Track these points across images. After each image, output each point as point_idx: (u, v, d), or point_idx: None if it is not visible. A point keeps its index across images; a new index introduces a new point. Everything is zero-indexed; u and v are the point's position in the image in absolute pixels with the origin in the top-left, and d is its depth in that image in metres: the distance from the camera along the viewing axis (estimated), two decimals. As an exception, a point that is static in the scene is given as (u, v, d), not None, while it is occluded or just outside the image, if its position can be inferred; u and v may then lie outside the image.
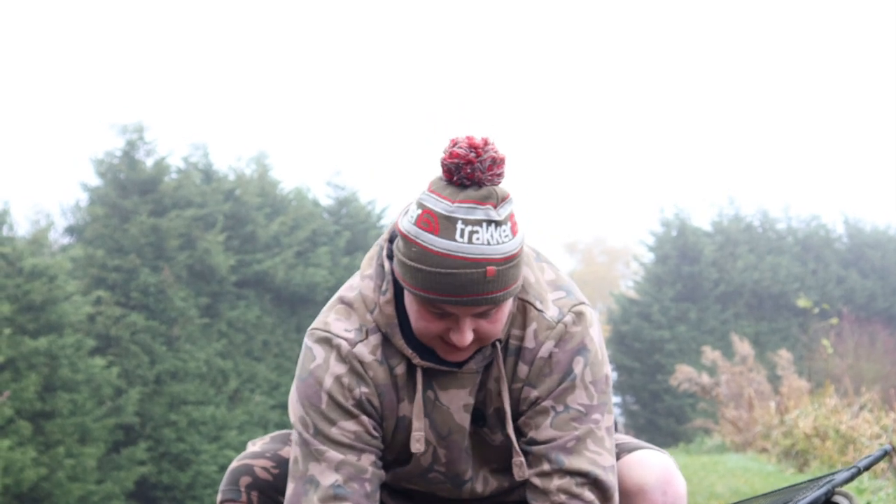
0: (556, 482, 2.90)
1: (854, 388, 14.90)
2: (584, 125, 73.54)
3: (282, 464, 3.10)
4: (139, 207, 24.14)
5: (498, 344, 2.92)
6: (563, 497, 2.89)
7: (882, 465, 8.04)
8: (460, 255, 2.72)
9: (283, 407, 25.50)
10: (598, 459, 2.91)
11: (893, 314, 35.38)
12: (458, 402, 2.95)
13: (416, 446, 2.93)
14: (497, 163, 2.75)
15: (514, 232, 2.77)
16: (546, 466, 2.91)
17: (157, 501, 22.94)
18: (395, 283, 2.91)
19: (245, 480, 3.08)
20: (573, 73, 74.66)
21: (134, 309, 23.53)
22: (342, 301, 2.99)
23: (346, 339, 2.92)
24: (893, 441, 8.57)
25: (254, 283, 26.02)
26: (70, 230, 25.12)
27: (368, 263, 2.99)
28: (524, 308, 2.95)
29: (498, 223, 2.74)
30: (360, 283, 2.98)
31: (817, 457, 10.73)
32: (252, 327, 25.70)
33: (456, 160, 2.74)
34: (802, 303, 17.83)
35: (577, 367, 2.93)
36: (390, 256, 2.91)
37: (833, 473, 2.72)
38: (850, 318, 26.55)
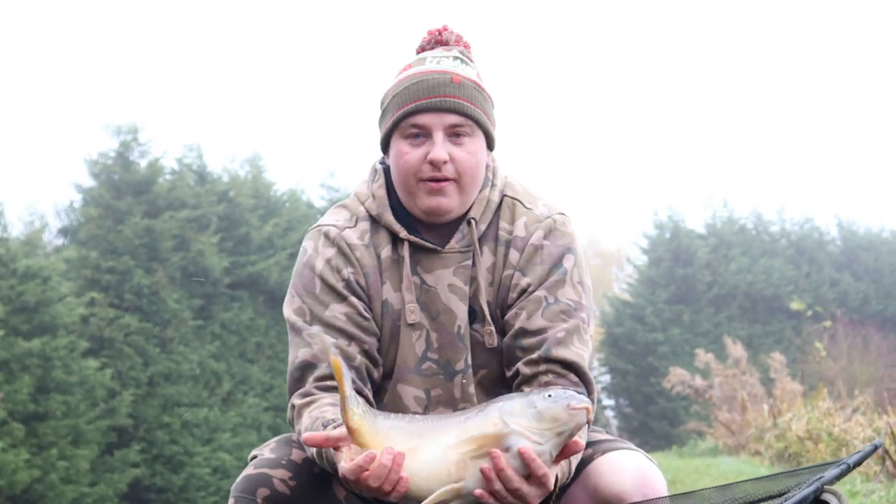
0: (543, 366, 2.98)
1: (847, 391, 14.89)
2: (576, 128, 73.59)
3: (299, 473, 3.01)
4: (133, 209, 24.12)
5: (474, 223, 3.06)
6: (550, 377, 2.97)
7: (875, 467, 8.04)
8: (428, 69, 3.06)
9: (276, 409, 25.49)
10: (583, 355, 3.01)
11: (887, 317, 35.40)
12: (444, 281, 3.05)
13: (411, 317, 3.03)
14: (463, 42, 3.17)
15: (480, 81, 3.09)
16: (534, 355, 2.99)
17: (151, 503, 22.92)
18: (386, 175, 3.15)
19: (263, 492, 2.98)
20: (566, 76, 74.71)
21: (127, 310, 23.50)
22: (336, 205, 3.24)
23: (334, 226, 3.13)
24: (886, 444, 8.57)
25: (247, 285, 26.01)
26: (64, 231, 25.10)
27: (362, 178, 3.26)
28: (513, 205, 3.13)
29: (464, 61, 3.09)
30: (355, 189, 3.22)
31: (810, 459, 10.73)
32: (245, 329, 25.68)
33: (427, 37, 3.17)
34: (796, 305, 17.88)
35: (568, 263, 3.06)
36: (382, 163, 3.19)
37: (822, 466, 2.70)
38: (844, 321, 26.58)
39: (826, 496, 2.61)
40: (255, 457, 3.12)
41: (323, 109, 70.77)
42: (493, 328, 3.03)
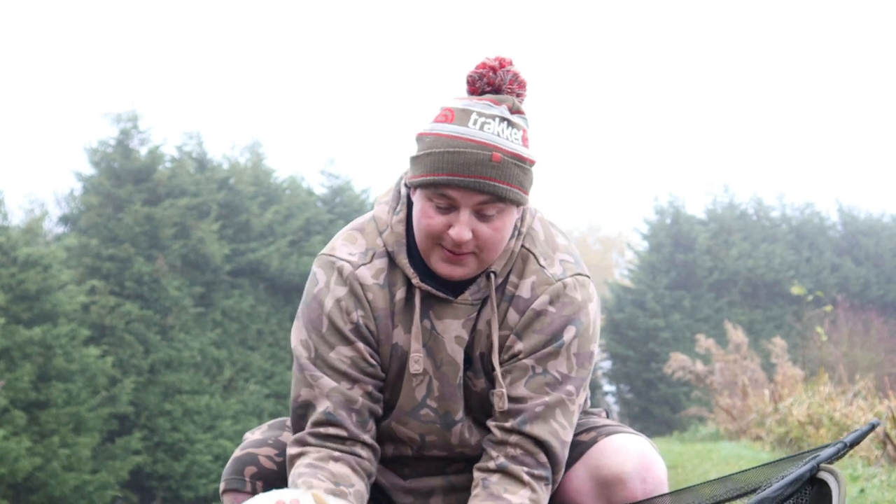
0: (514, 438, 2.94)
1: (848, 376, 14.90)
2: (577, 114, 73.56)
3: (285, 451, 3.09)
4: (133, 196, 24.11)
5: (493, 276, 2.95)
6: (518, 451, 2.93)
7: (876, 451, 8.04)
8: (469, 137, 2.83)
9: (278, 396, 25.51)
10: (559, 432, 2.95)
11: (887, 302, 35.41)
12: (451, 332, 2.97)
13: (415, 367, 2.96)
14: (519, 81, 2.92)
15: (524, 142, 2.88)
16: (509, 423, 2.94)
17: (152, 491, 22.95)
18: (409, 206, 3.00)
19: (250, 470, 3.08)
20: (566, 62, 74.64)
21: (128, 298, 23.51)
22: (352, 228, 3.07)
23: (348, 262, 2.99)
24: (887, 428, 8.57)
25: (248, 273, 26.01)
26: (64, 219, 25.10)
27: (386, 192, 3.09)
28: (526, 258, 3.00)
29: (511, 123, 2.86)
30: (376, 208, 3.07)
31: (811, 444, 10.72)
32: (246, 316, 25.69)
33: (480, 69, 2.92)
34: (796, 290, 17.82)
35: (567, 335, 2.96)
36: (407, 185, 2.99)
37: (819, 449, 2.70)
38: (845, 306, 26.60)
39: (823, 475, 2.61)
40: (245, 439, 3.18)
41: (323, 97, 70.73)
42: (503, 390, 2.96)
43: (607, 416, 3.25)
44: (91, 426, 20.72)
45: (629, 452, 3.00)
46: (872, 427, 2.73)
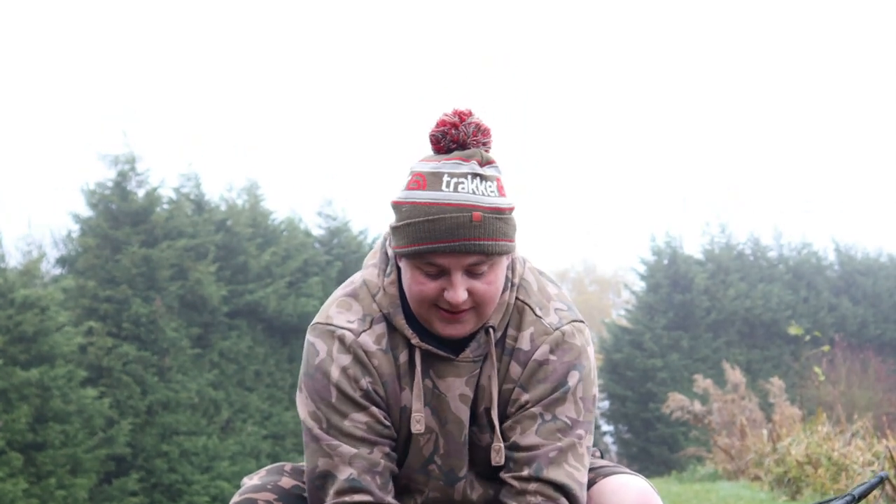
0: (534, 486, 2.94)
1: (846, 416, 14.87)
2: (573, 153, 73.66)
3: (283, 496, 3.08)
4: (131, 238, 24.11)
5: (492, 331, 2.96)
6: (539, 499, 2.93)
7: (875, 492, 8.04)
8: (446, 201, 2.81)
9: (275, 437, 25.44)
10: (575, 475, 2.95)
11: (885, 341, 35.38)
12: (454, 390, 2.97)
13: (417, 427, 2.95)
14: (482, 130, 2.88)
15: (500, 192, 2.86)
16: (525, 472, 2.94)
17: (149, 533, 22.84)
18: (398, 267, 2.98)
19: None
20: (562, 100, 74.82)
21: (125, 339, 23.47)
22: (344, 294, 3.04)
23: (349, 330, 2.96)
24: (886, 468, 8.55)
25: (246, 314, 25.98)
26: (61, 261, 25.08)
27: (373, 255, 3.07)
28: (522, 310, 3.00)
29: (483, 177, 2.84)
30: (364, 272, 3.05)
31: (810, 484, 10.72)
32: (244, 357, 25.65)
33: (442, 127, 2.88)
34: (794, 330, 17.83)
35: (572, 381, 2.97)
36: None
37: (827, 502, 2.71)
38: (842, 346, 26.54)
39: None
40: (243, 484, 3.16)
41: (320, 138, 70.88)
42: (501, 445, 2.98)
43: (602, 457, 3.27)
44: (88, 467, 20.66)
45: (628, 492, 3.01)
46: (881, 480, 2.74)
